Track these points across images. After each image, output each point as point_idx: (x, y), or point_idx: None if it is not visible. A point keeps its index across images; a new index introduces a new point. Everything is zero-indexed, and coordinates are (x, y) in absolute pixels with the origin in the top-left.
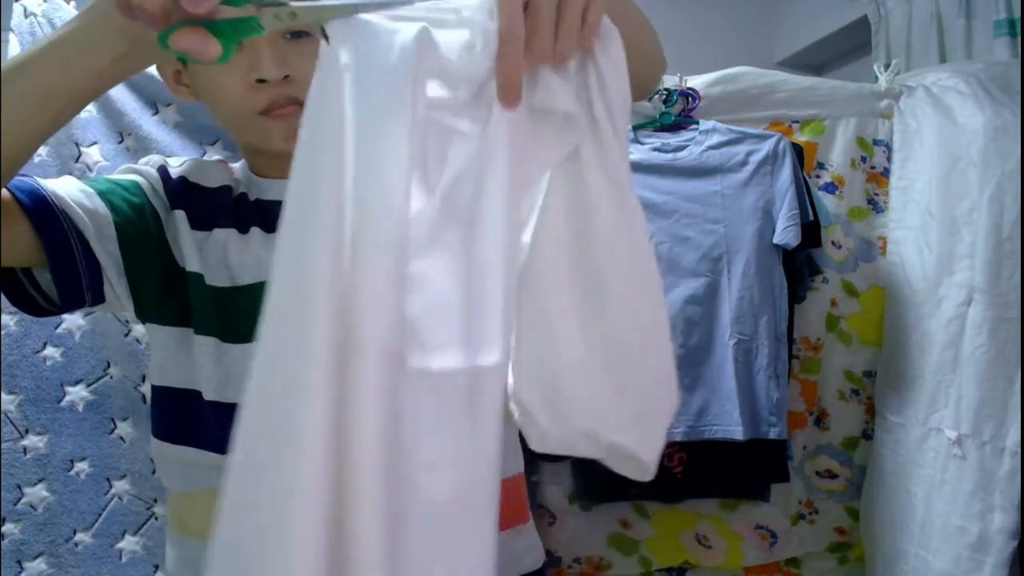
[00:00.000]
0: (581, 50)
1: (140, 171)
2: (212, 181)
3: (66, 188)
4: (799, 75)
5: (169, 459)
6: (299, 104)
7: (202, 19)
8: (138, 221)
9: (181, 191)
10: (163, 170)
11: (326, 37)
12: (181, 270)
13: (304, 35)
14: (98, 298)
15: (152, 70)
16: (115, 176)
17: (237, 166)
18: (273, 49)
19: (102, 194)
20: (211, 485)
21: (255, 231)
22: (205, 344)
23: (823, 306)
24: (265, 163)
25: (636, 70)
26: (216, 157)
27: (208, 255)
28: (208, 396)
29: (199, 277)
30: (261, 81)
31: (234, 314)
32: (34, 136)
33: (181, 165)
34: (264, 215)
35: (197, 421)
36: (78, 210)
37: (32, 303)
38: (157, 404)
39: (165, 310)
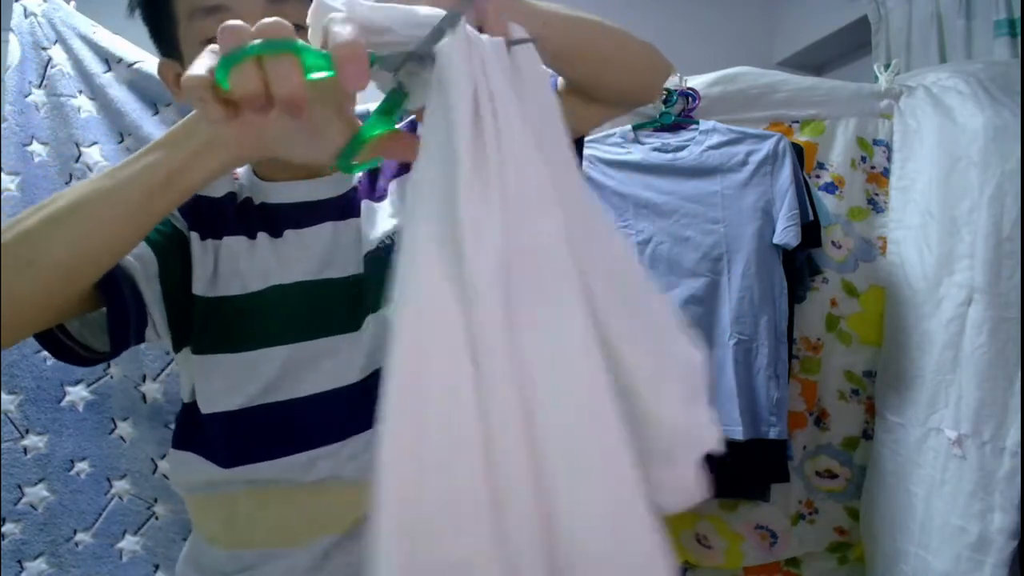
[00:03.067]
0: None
1: None
2: (217, 190)
3: None
4: (799, 75)
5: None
6: None
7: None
8: (172, 253)
9: (192, 206)
10: None
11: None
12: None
13: (299, 28)
14: (140, 339)
15: (151, 70)
16: None
17: (241, 169)
18: None
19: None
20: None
21: (262, 236)
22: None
23: (823, 306)
24: (268, 165)
25: (617, 79)
26: None
27: (221, 264)
28: (241, 405)
29: (203, 299)
30: None
31: (244, 320)
32: (136, 234)
33: None
34: (270, 219)
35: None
36: (128, 256)
37: (71, 353)
38: (222, 432)
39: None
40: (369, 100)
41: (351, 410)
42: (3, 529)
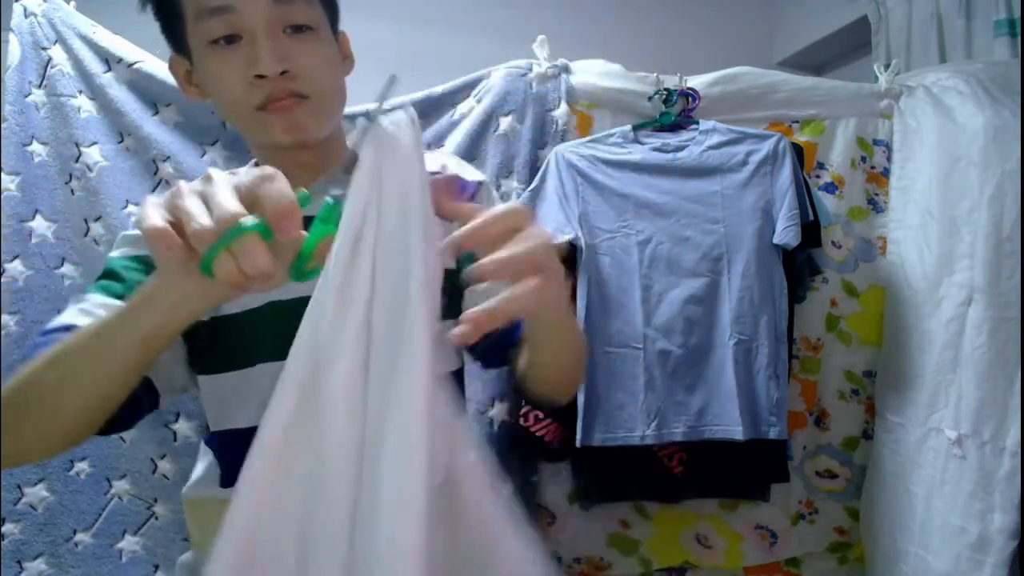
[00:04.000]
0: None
1: (136, 242)
2: None
3: None
4: (799, 75)
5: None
6: (299, 97)
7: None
8: None
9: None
10: None
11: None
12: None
13: (306, 28)
14: (153, 407)
15: (151, 70)
16: (126, 253)
17: (243, 170)
18: (272, 44)
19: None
20: None
21: None
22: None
23: (823, 306)
24: (281, 163)
25: (557, 376)
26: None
27: None
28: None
29: (205, 322)
30: (260, 77)
31: (244, 338)
32: (116, 383)
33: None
34: None
35: None
36: (161, 366)
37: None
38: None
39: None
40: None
41: None
42: (3, 529)
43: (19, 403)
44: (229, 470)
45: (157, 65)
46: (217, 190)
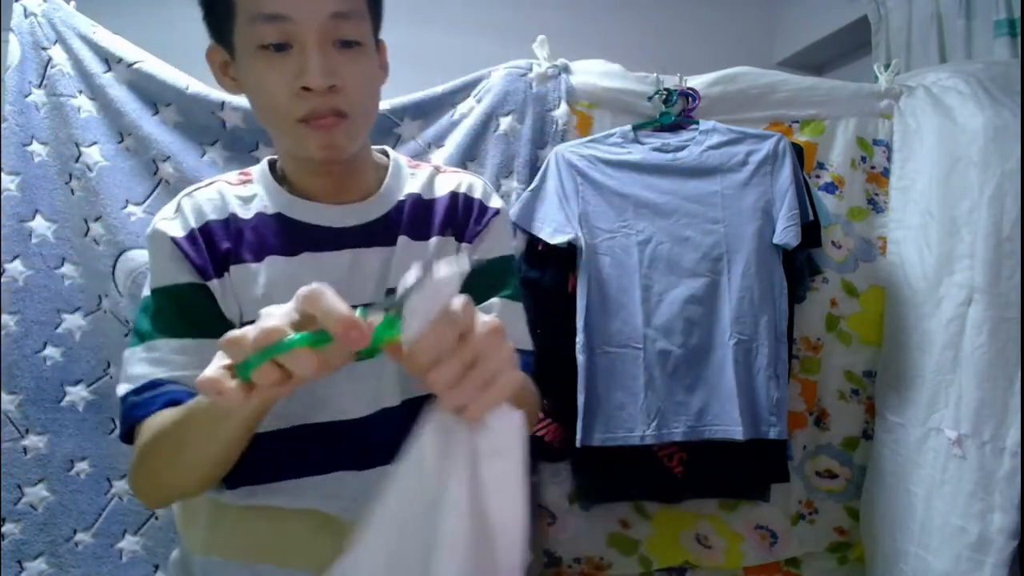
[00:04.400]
0: (468, 416)
1: (168, 271)
2: (219, 210)
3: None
4: (799, 75)
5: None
6: (341, 115)
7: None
8: (224, 319)
9: (196, 246)
10: (173, 242)
11: None
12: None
13: (355, 44)
14: None
15: (151, 70)
16: (166, 284)
17: (256, 174)
18: (322, 57)
19: (195, 335)
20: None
21: (271, 259)
22: None
23: (823, 306)
24: (306, 178)
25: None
26: (214, 180)
27: (238, 293)
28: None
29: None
30: (306, 89)
31: None
32: (224, 459)
33: (176, 215)
34: (287, 236)
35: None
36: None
37: None
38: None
39: None
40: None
41: (348, 445)
42: (3, 529)
43: (152, 483)
44: (232, 471)
45: (157, 65)
46: (264, 320)
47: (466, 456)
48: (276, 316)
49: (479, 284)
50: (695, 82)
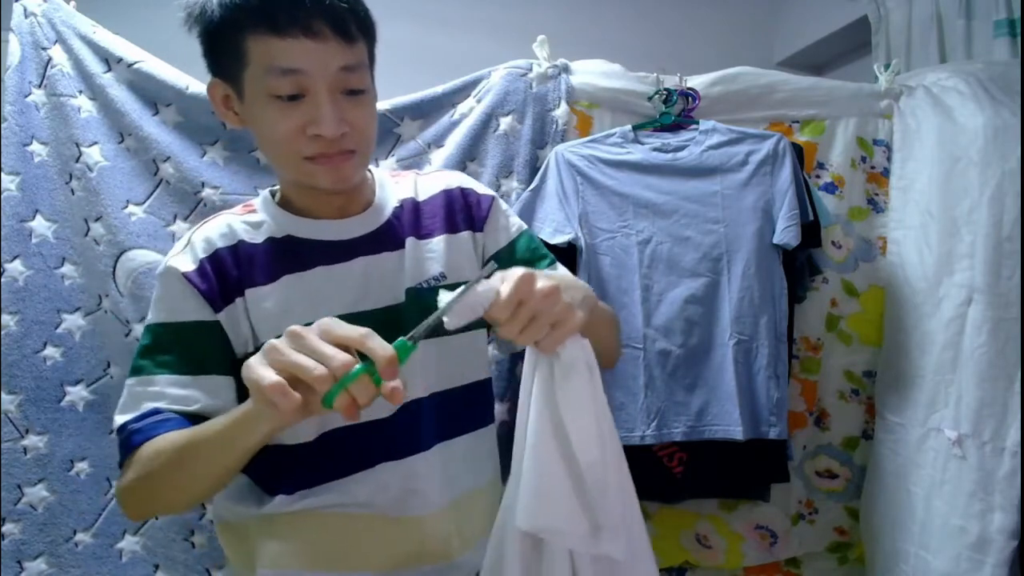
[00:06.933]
0: (543, 350)
1: (175, 309)
2: (227, 237)
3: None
4: (799, 75)
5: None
6: (350, 153)
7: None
8: (225, 355)
9: (205, 276)
10: (184, 278)
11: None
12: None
13: (360, 92)
14: None
15: (151, 70)
16: (171, 321)
17: (259, 204)
18: (333, 106)
19: (193, 372)
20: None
21: (286, 278)
22: None
23: (823, 306)
24: (311, 201)
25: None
26: (219, 213)
27: (252, 316)
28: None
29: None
30: (318, 136)
31: None
32: (223, 478)
33: (186, 249)
34: (297, 254)
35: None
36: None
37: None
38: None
39: None
40: None
41: (386, 439)
42: (3, 529)
43: (142, 496)
44: (271, 478)
45: (157, 65)
46: (318, 344)
47: (544, 378)
48: (321, 343)
49: (520, 261)
50: (695, 82)
